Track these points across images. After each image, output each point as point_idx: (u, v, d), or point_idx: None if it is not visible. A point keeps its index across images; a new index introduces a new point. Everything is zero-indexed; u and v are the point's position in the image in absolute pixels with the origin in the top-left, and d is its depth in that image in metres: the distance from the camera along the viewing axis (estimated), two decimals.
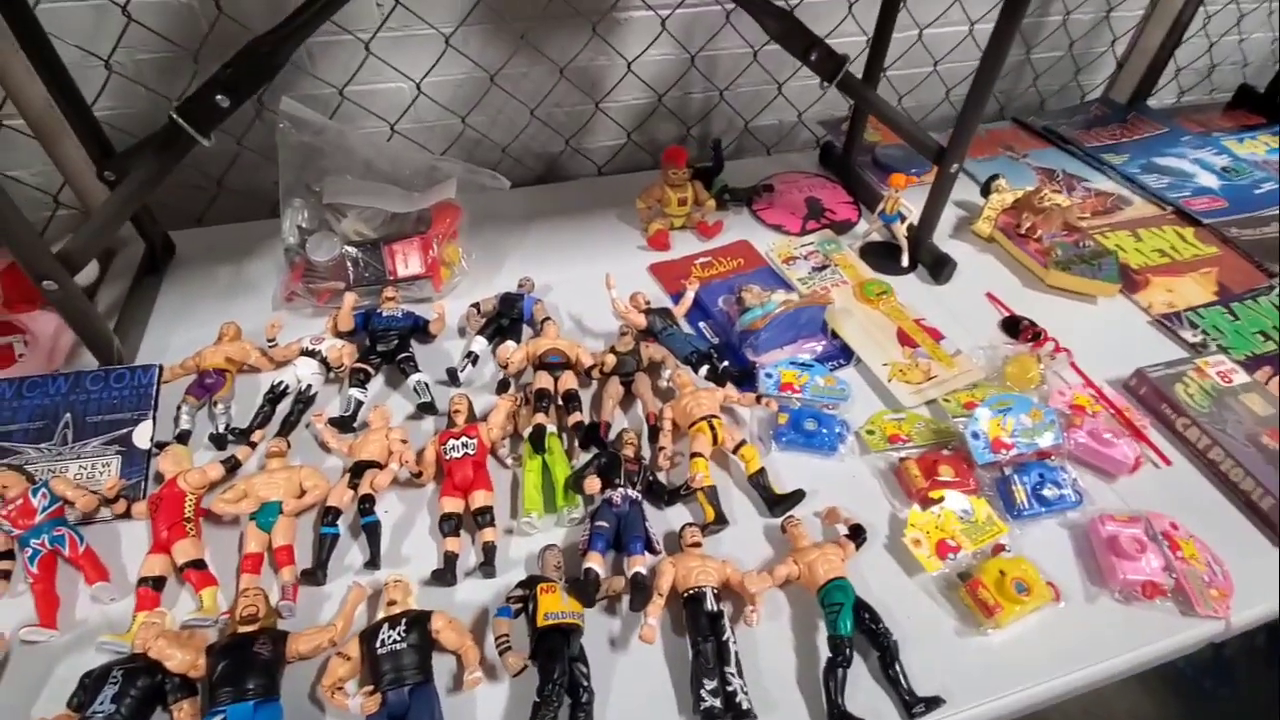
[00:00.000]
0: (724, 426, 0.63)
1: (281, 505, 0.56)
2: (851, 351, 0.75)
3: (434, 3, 0.90)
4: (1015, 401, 0.64)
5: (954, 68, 1.22)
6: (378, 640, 0.47)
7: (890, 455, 0.65)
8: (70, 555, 0.54)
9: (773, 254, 0.89)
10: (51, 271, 0.58)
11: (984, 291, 0.84)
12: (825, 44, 0.75)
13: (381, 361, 0.70)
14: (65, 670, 0.49)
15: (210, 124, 0.63)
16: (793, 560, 0.54)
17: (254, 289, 0.82)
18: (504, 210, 0.94)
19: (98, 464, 0.60)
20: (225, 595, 0.53)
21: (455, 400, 0.64)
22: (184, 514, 0.55)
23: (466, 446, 0.60)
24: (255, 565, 0.54)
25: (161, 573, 0.53)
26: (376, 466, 0.59)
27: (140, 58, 0.86)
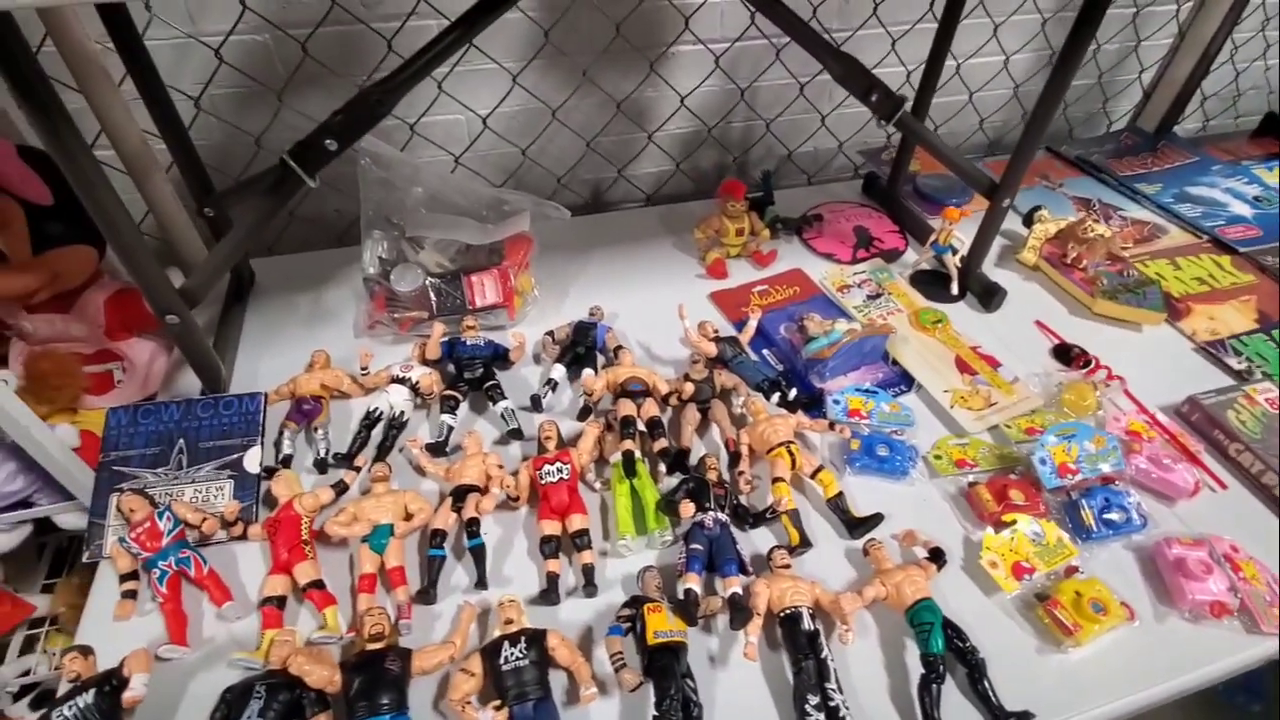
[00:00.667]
0: (801, 452, 0.67)
1: (393, 528, 0.59)
2: (912, 378, 0.78)
3: (502, 39, 0.94)
4: (1079, 429, 0.67)
5: (986, 96, 1.26)
6: (500, 657, 0.50)
7: (958, 479, 0.68)
8: (195, 576, 0.57)
9: (827, 282, 0.92)
10: (174, 306, 0.61)
11: (1033, 319, 0.88)
12: (884, 85, 0.78)
13: (469, 388, 0.73)
14: (198, 686, 0.52)
15: (317, 166, 0.67)
16: (880, 581, 0.57)
17: (334, 317, 0.85)
18: (564, 240, 0.98)
19: (211, 488, 0.63)
20: (344, 615, 0.56)
21: (545, 427, 0.67)
22: (301, 536, 0.59)
23: (561, 471, 0.63)
24: (371, 585, 0.57)
25: (283, 592, 0.56)
26: (476, 490, 0.63)
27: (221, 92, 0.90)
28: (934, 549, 0.60)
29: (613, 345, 0.79)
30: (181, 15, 0.83)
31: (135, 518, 0.59)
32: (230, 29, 0.84)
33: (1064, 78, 0.73)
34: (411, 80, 0.64)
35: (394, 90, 0.64)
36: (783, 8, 0.71)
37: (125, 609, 0.56)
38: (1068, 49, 0.71)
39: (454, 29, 0.63)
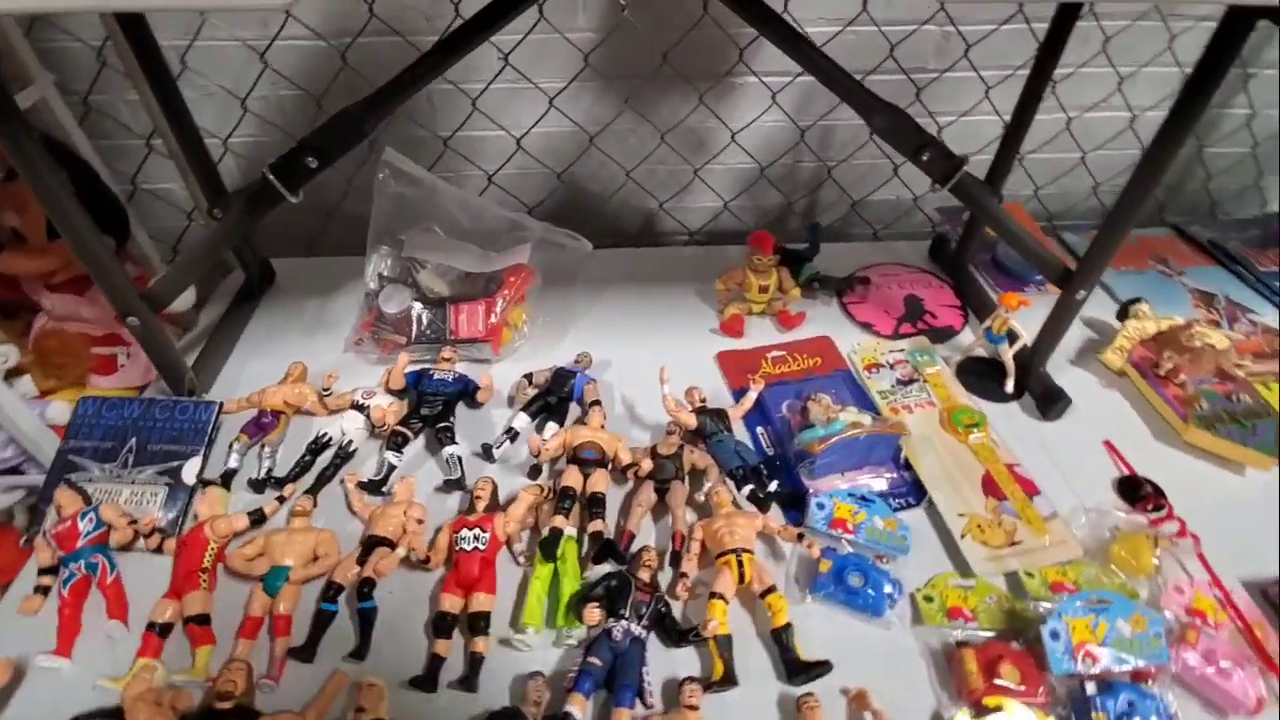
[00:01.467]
0: (755, 565, 0.57)
1: (289, 572, 0.56)
2: (924, 490, 0.66)
3: (545, 60, 0.91)
4: (1115, 601, 0.53)
5: (1106, 157, 1.08)
6: None
7: (947, 633, 0.56)
8: (100, 582, 0.57)
9: (855, 357, 0.81)
10: (134, 309, 0.62)
11: (1101, 438, 0.72)
12: (940, 143, 0.67)
13: (423, 426, 0.69)
14: (65, 703, 0.51)
15: (299, 182, 0.65)
16: None
17: (333, 328, 0.85)
18: (582, 272, 0.93)
19: (147, 492, 0.63)
20: (221, 656, 0.54)
21: (480, 484, 0.62)
22: (202, 563, 0.57)
23: (479, 540, 0.57)
24: (254, 630, 0.54)
25: (171, 619, 0.55)
26: (388, 545, 0.58)
27: (281, 94, 0.93)
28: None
29: (590, 399, 0.72)
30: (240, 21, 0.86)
31: (63, 513, 0.59)
32: (276, 33, 0.86)
33: (1167, 147, 0.58)
34: (394, 101, 0.61)
35: (376, 109, 0.61)
36: (807, 45, 0.62)
37: (31, 604, 0.56)
38: (1177, 111, 0.56)
39: (435, 53, 0.59)
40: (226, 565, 0.58)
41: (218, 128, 0.94)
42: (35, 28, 0.85)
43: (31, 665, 0.52)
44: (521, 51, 0.88)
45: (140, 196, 1.01)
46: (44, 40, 0.86)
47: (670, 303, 0.90)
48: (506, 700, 0.51)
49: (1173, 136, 0.57)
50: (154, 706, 0.47)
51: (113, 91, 0.92)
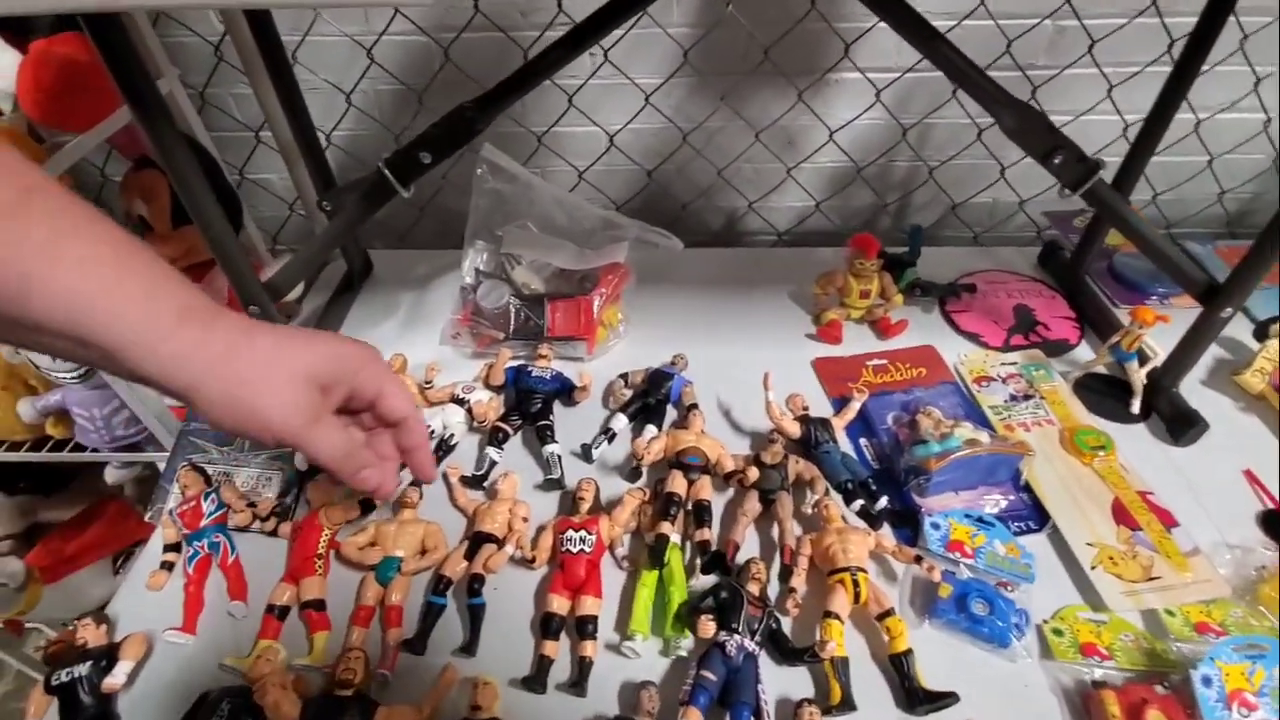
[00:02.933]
0: (870, 585, 0.55)
1: (400, 563, 0.57)
2: (1047, 515, 0.62)
3: (641, 56, 0.90)
4: (1273, 648, 0.49)
5: (1234, 161, 1.00)
6: None
7: (1080, 671, 0.52)
8: (222, 562, 0.59)
9: (963, 368, 0.77)
10: (257, 297, 0.63)
11: (1240, 467, 0.67)
12: (1074, 146, 0.62)
13: (523, 422, 0.69)
14: (190, 677, 0.53)
15: (411, 177, 0.66)
16: None
17: (430, 321, 0.85)
18: (673, 271, 0.91)
19: (263, 477, 0.65)
20: (337, 641, 0.54)
21: (583, 485, 0.62)
22: (317, 549, 0.58)
23: (584, 542, 0.57)
24: (367, 619, 0.55)
25: (287, 603, 0.56)
26: (494, 542, 0.58)
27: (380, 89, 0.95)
28: None
29: (688, 402, 0.71)
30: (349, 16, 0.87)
31: (187, 493, 0.61)
32: (383, 29, 0.87)
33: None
34: (507, 100, 0.61)
35: (489, 108, 0.61)
36: (942, 43, 0.59)
37: (158, 580, 0.58)
38: None
39: (553, 50, 0.59)
40: (339, 553, 0.59)
41: (321, 121, 0.96)
42: (159, 23, 0.88)
43: (159, 639, 0.54)
44: (620, 46, 0.87)
45: (248, 187, 1.05)
46: (166, 35, 0.90)
47: (763, 305, 0.88)
48: (616, 707, 0.51)
49: None
50: (281, 689, 0.48)
51: (224, 85, 0.96)
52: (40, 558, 0.96)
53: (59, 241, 0.31)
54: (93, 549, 1.00)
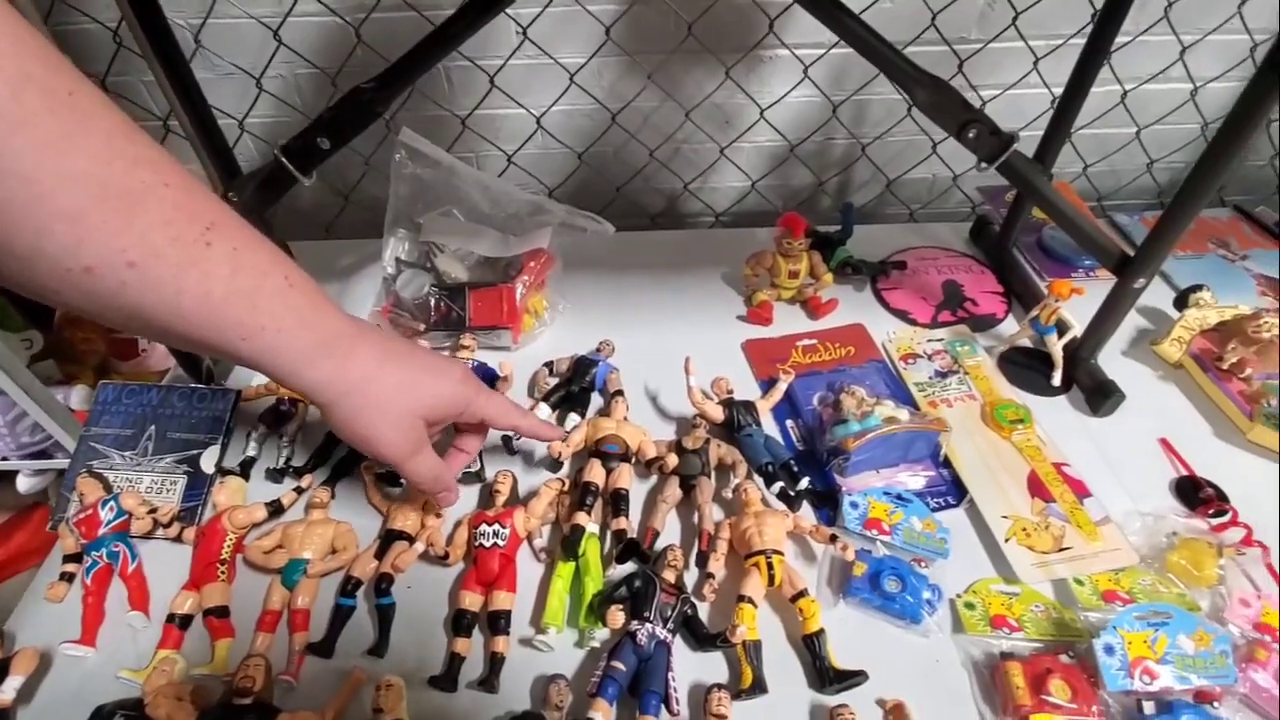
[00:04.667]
0: (785, 567, 0.54)
1: (306, 566, 0.55)
2: (964, 489, 0.62)
3: (565, 35, 0.87)
4: (1176, 615, 0.49)
5: (1162, 132, 1.01)
6: None
7: (991, 643, 0.53)
8: (121, 571, 0.56)
9: (890, 346, 0.77)
10: None
11: (1157, 436, 0.68)
12: (987, 119, 0.62)
13: None
14: (87, 692, 0.50)
15: (312, 164, 0.63)
16: None
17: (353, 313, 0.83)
18: (605, 256, 0.89)
19: (167, 480, 0.62)
20: (241, 647, 0.53)
21: (499, 477, 0.60)
22: (221, 554, 0.56)
23: (498, 536, 0.56)
24: (272, 624, 0.53)
25: (190, 610, 0.54)
26: (407, 539, 0.57)
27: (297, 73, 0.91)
28: None
29: (612, 389, 0.70)
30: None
31: (85, 501, 0.59)
32: (289, 10, 0.83)
33: (1240, 128, 0.53)
34: (407, 78, 0.59)
35: (389, 87, 0.59)
36: (848, 16, 0.58)
37: (57, 591, 0.56)
38: (1250, 91, 0.51)
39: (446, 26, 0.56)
40: (245, 557, 0.57)
41: (235, 108, 0.92)
42: (55, 11, 0.83)
43: (57, 653, 0.52)
44: (541, 25, 0.85)
45: None
46: (63, 24, 0.85)
47: (695, 288, 0.87)
48: (527, 702, 0.50)
49: (1258, 103, 0.52)
50: (174, 701, 0.46)
51: (132, 73, 0.91)
52: None
53: (236, 276, 0.37)
54: (20, 558, 0.96)
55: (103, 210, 0.32)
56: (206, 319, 0.37)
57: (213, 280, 0.36)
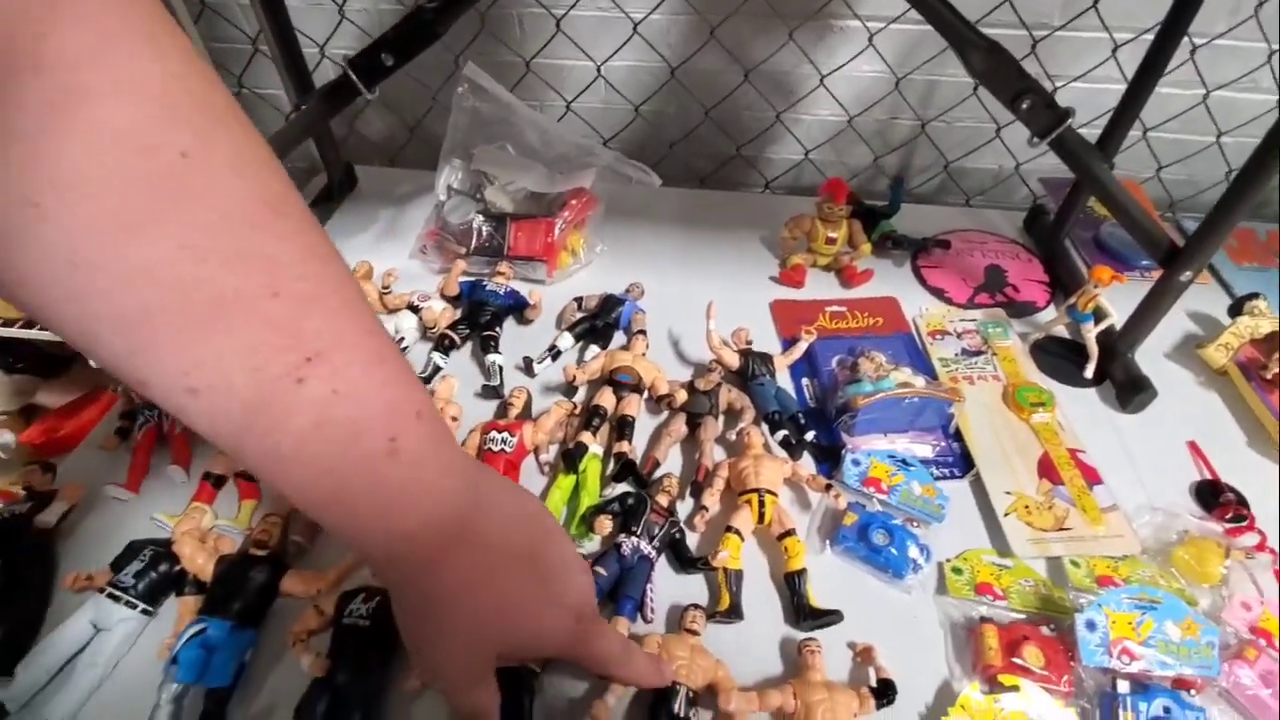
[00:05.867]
0: (776, 507, 0.56)
1: None
2: (972, 463, 0.62)
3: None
4: (1166, 601, 0.49)
5: (1247, 143, 0.95)
6: (346, 609, 0.48)
7: (972, 607, 0.53)
8: (168, 431, 0.62)
9: (920, 321, 0.76)
10: None
11: (1186, 439, 0.65)
12: (1043, 90, 0.61)
13: (470, 333, 0.71)
14: (125, 530, 0.56)
15: (375, 78, 0.67)
16: (792, 691, 0.46)
17: (404, 235, 0.87)
18: (649, 207, 0.91)
19: None
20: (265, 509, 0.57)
21: (514, 392, 0.63)
22: None
23: (505, 443, 0.58)
24: None
25: (223, 472, 0.59)
26: None
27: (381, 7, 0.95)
28: (883, 681, 0.47)
29: (636, 328, 0.72)
30: None
31: None
32: None
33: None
34: (463, 2, 0.61)
35: (447, 10, 0.61)
36: None
37: (110, 443, 0.62)
38: None
39: None
40: None
41: (319, 35, 0.97)
42: None
43: (102, 494, 0.58)
44: None
45: (247, 98, 1.06)
46: None
47: (733, 247, 0.87)
48: None
49: None
50: (198, 542, 0.51)
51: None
52: (34, 435, 1.02)
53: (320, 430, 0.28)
54: (85, 432, 1.05)
55: (171, 318, 0.24)
56: (268, 471, 0.29)
57: (283, 433, 0.27)
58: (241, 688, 0.48)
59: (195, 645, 0.46)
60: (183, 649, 0.46)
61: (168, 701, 0.45)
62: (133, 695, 0.47)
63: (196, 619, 0.48)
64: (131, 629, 0.49)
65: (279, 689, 0.48)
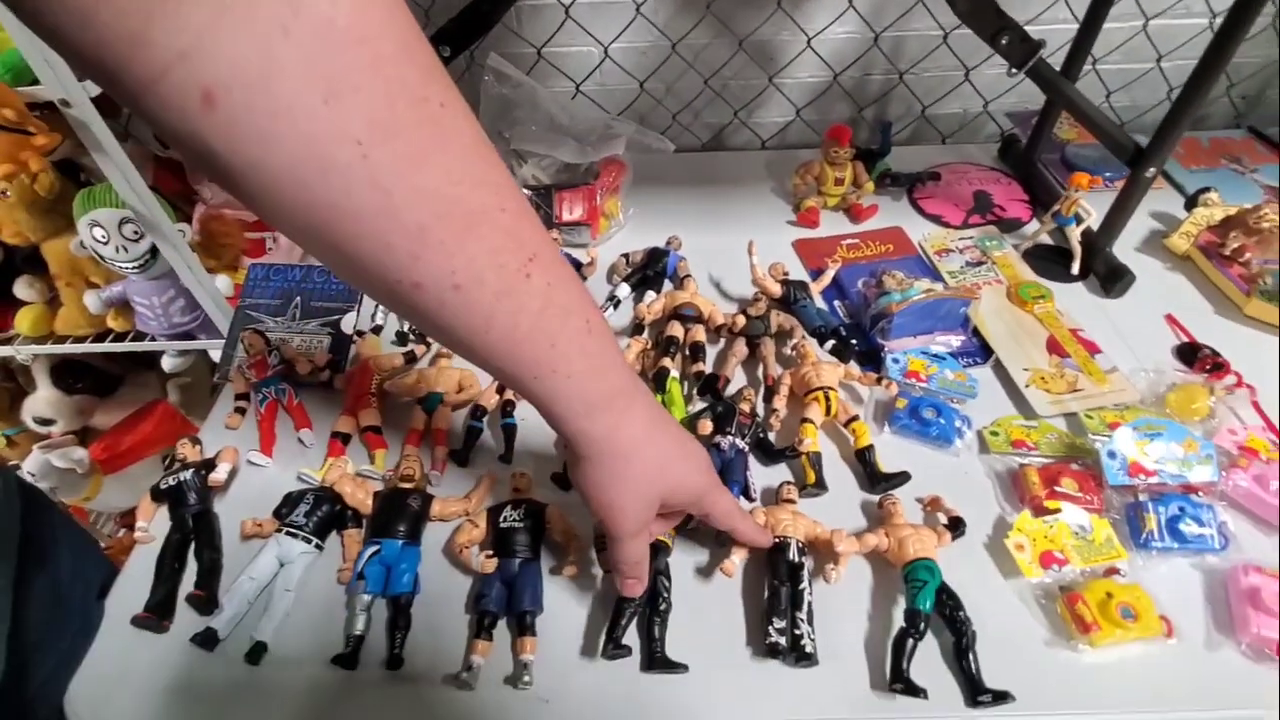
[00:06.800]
0: (839, 400, 0.65)
1: (443, 396, 0.67)
2: (991, 352, 0.72)
3: None
4: (1168, 427, 0.59)
5: (1183, 65, 1.08)
6: (501, 516, 0.56)
7: (1011, 460, 0.63)
8: (287, 404, 0.68)
9: (926, 244, 0.87)
10: None
11: (1163, 314, 0.77)
12: (1019, 27, 0.71)
13: None
14: (271, 488, 0.62)
15: None
16: (885, 532, 0.55)
17: None
18: (667, 173, 1.00)
19: (314, 340, 0.74)
20: (391, 458, 0.65)
21: None
22: (370, 389, 0.68)
23: None
24: (416, 440, 0.65)
25: (348, 430, 0.66)
26: None
27: None
28: (954, 517, 0.57)
29: (682, 274, 0.80)
30: None
31: (252, 351, 0.71)
32: None
33: (1232, 33, 0.61)
34: None
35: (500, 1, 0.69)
36: None
37: (234, 420, 0.68)
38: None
39: None
40: (391, 388, 0.69)
41: None
42: None
43: (243, 461, 0.65)
44: None
45: None
46: None
47: (747, 199, 0.97)
48: None
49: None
50: (354, 483, 0.58)
51: None
52: (99, 451, 1.06)
53: (544, 313, 0.36)
54: (146, 445, 1.10)
55: (442, 230, 0.31)
56: (507, 351, 0.36)
57: (522, 314, 0.35)
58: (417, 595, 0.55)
59: (375, 563, 0.54)
60: (366, 566, 0.54)
61: (361, 610, 0.53)
62: (317, 615, 0.54)
63: (370, 542, 0.55)
64: (309, 561, 0.56)
65: (449, 593, 0.55)
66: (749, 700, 0.50)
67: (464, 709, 0.49)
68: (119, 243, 0.80)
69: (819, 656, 0.50)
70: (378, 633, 0.53)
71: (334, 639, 0.52)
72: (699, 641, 0.52)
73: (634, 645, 0.51)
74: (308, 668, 0.51)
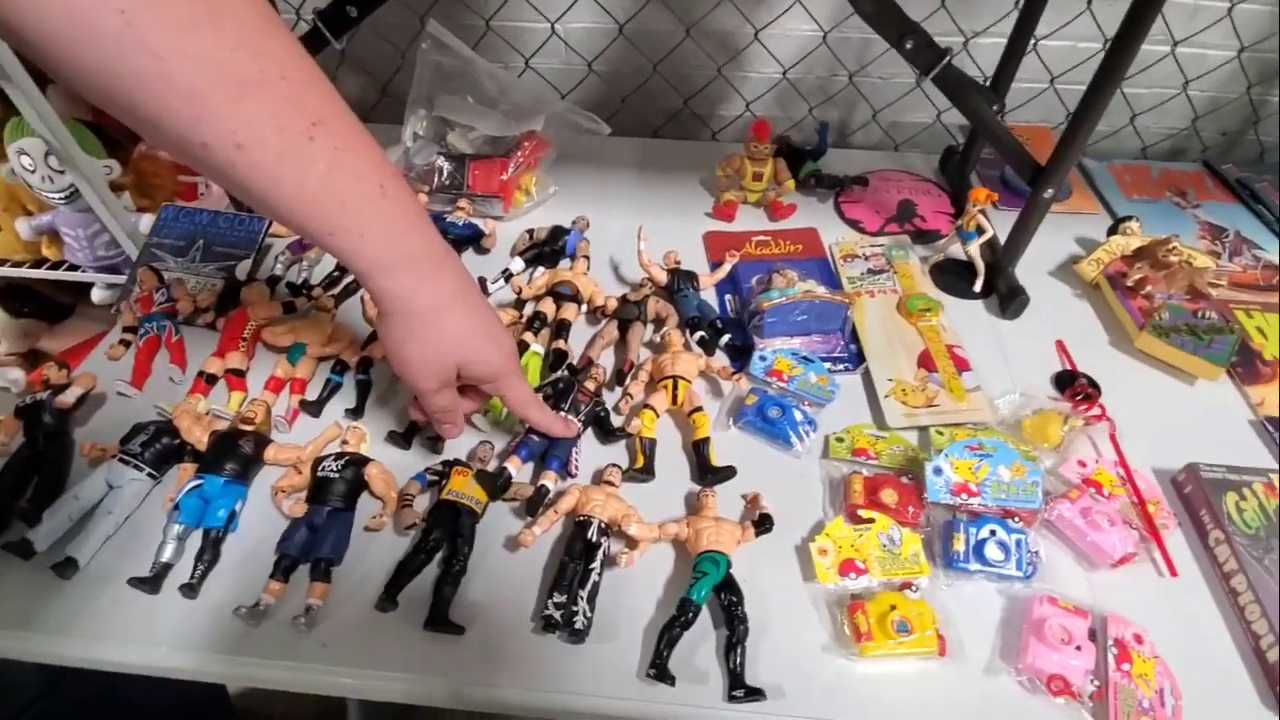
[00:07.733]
0: (688, 390, 0.65)
1: (306, 348, 0.69)
2: (864, 360, 0.72)
3: None
4: (998, 450, 0.59)
5: (1158, 94, 1.04)
6: (320, 466, 0.58)
7: (848, 465, 0.63)
8: (166, 340, 0.71)
9: (835, 248, 0.86)
10: None
11: (1055, 339, 0.75)
12: (924, 32, 0.69)
13: None
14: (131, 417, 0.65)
15: (342, 29, 0.75)
16: (685, 523, 0.56)
17: None
18: (601, 155, 1.00)
19: (208, 283, 0.77)
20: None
21: None
22: (243, 333, 0.70)
23: None
24: (277, 387, 0.67)
25: (215, 371, 0.68)
26: None
27: None
28: (763, 515, 0.57)
29: (581, 254, 0.81)
30: None
31: (143, 287, 0.73)
32: None
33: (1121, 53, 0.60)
34: None
35: None
36: None
37: (116, 351, 0.71)
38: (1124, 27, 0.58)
39: None
40: (261, 340, 0.71)
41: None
42: None
43: (111, 390, 0.67)
44: None
45: None
46: None
47: (673, 188, 0.97)
48: (464, 456, 0.62)
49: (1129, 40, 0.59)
50: (194, 419, 0.61)
51: None
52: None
53: (331, 174, 0.39)
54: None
55: (218, 93, 0.35)
56: (299, 208, 0.40)
57: (308, 174, 0.39)
58: (232, 533, 0.57)
59: (194, 495, 0.56)
60: (183, 498, 0.56)
61: (172, 539, 0.55)
62: (141, 540, 0.57)
63: (195, 476, 0.57)
64: (139, 489, 0.59)
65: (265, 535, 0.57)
66: (516, 669, 0.51)
67: (242, 641, 0.51)
68: (45, 172, 0.84)
69: (590, 636, 0.51)
70: (189, 563, 0.55)
71: (148, 565, 0.55)
72: (486, 608, 0.53)
73: None
74: (113, 588, 0.54)
